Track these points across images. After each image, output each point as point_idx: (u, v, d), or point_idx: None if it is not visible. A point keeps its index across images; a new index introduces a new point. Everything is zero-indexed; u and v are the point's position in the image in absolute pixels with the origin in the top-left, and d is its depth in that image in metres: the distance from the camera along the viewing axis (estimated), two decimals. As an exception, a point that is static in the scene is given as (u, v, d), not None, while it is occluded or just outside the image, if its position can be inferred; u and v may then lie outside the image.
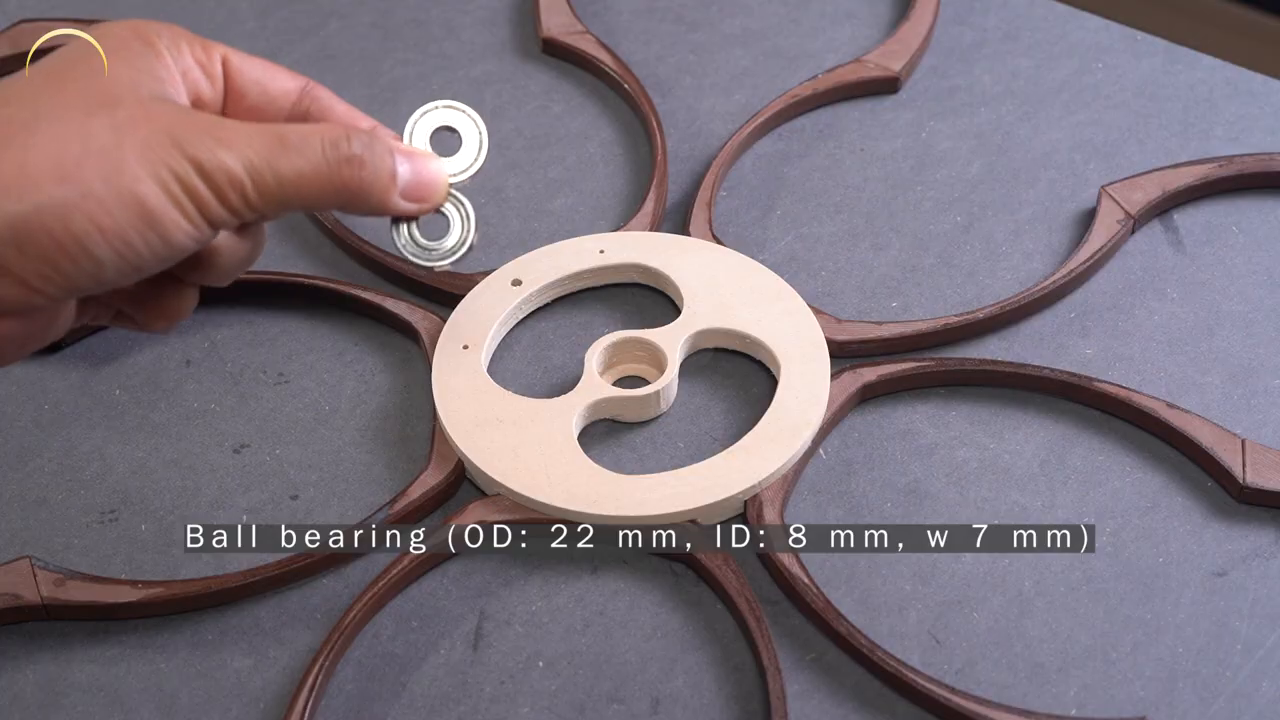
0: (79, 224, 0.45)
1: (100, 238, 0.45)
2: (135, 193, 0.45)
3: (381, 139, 0.52)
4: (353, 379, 0.64)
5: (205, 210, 0.47)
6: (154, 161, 0.46)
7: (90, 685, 0.54)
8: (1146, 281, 0.66)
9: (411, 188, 0.53)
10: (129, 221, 0.46)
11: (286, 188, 0.48)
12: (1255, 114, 0.72)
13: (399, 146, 0.53)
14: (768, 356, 0.62)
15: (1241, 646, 0.54)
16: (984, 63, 0.75)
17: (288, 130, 0.49)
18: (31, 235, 0.45)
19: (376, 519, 0.57)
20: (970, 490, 0.59)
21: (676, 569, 0.57)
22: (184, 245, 0.47)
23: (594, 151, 0.72)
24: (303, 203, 0.49)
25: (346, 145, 0.50)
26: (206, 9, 0.80)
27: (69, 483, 0.60)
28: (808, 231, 0.68)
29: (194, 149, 0.46)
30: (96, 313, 0.53)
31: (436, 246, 0.56)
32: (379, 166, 0.51)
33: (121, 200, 0.45)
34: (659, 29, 0.78)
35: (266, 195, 0.48)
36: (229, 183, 0.47)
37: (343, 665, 0.55)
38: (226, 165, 0.47)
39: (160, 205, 0.46)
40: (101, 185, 0.45)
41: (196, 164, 0.46)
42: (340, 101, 0.54)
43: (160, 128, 0.46)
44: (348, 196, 0.50)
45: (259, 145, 0.48)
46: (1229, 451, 0.58)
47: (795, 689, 0.53)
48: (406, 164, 0.53)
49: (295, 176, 0.48)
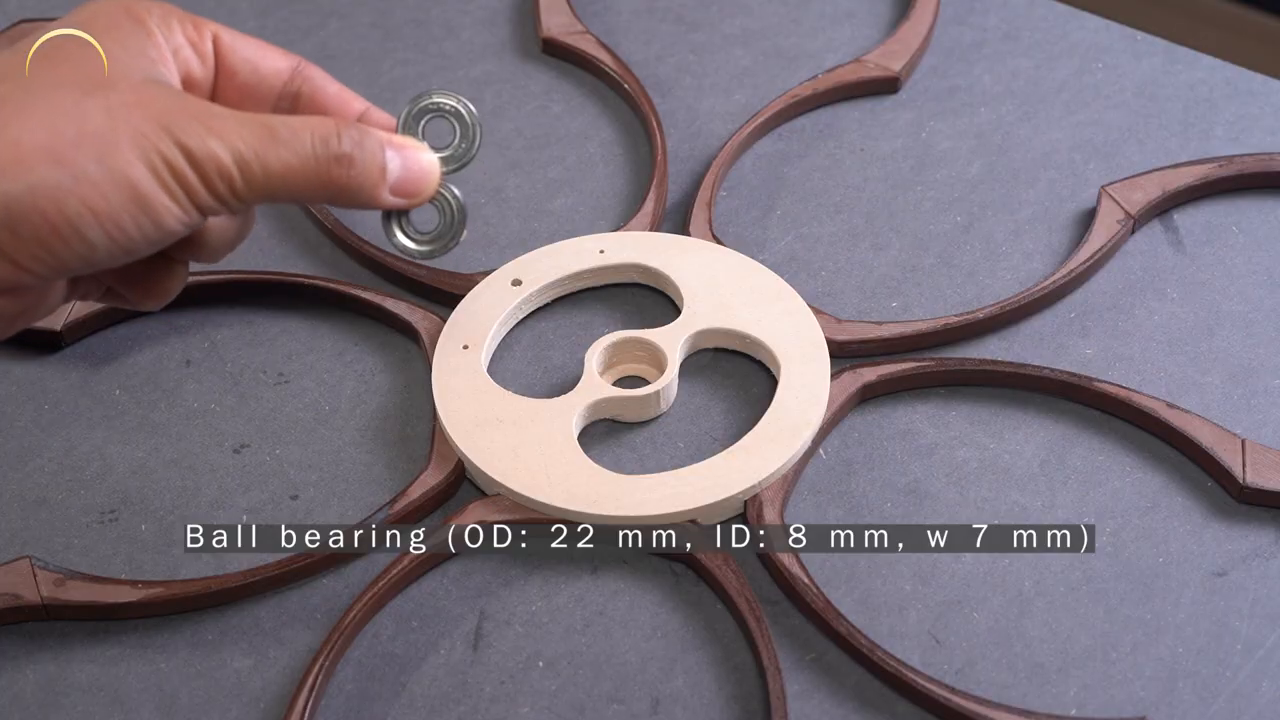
0: (72, 206, 0.45)
1: (93, 220, 0.45)
2: (127, 176, 0.46)
3: (373, 134, 0.51)
4: (353, 379, 0.64)
5: (194, 196, 0.47)
6: (145, 146, 0.46)
7: (90, 685, 0.54)
8: (1146, 281, 0.66)
9: (401, 183, 0.53)
10: (121, 205, 0.46)
11: (274, 180, 0.48)
12: (1255, 114, 0.72)
13: (390, 138, 0.52)
14: (768, 356, 0.62)
15: (1241, 646, 0.54)
16: (984, 63, 0.75)
17: (279, 123, 0.49)
18: (24, 216, 0.45)
19: (376, 519, 0.57)
20: (970, 490, 0.59)
21: (676, 569, 0.57)
22: (174, 229, 0.48)
23: (594, 151, 0.72)
24: (290, 196, 0.49)
25: (337, 143, 0.50)
26: (206, 8, 0.80)
27: (69, 483, 0.60)
28: (808, 231, 0.68)
29: (185, 136, 0.46)
30: (86, 290, 0.53)
31: (427, 237, 0.56)
32: (369, 163, 0.51)
33: (115, 183, 0.45)
34: (659, 29, 0.78)
35: (254, 186, 0.48)
36: (217, 172, 0.47)
37: (343, 665, 0.55)
38: (216, 155, 0.47)
39: (151, 190, 0.46)
40: (95, 168, 0.45)
41: (186, 151, 0.46)
42: (333, 81, 0.53)
43: (153, 113, 0.46)
44: (335, 192, 0.50)
45: (249, 137, 0.48)
46: (1229, 451, 0.58)
47: (795, 689, 0.53)
48: (397, 158, 0.52)
49: (283, 170, 0.48)
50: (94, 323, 0.65)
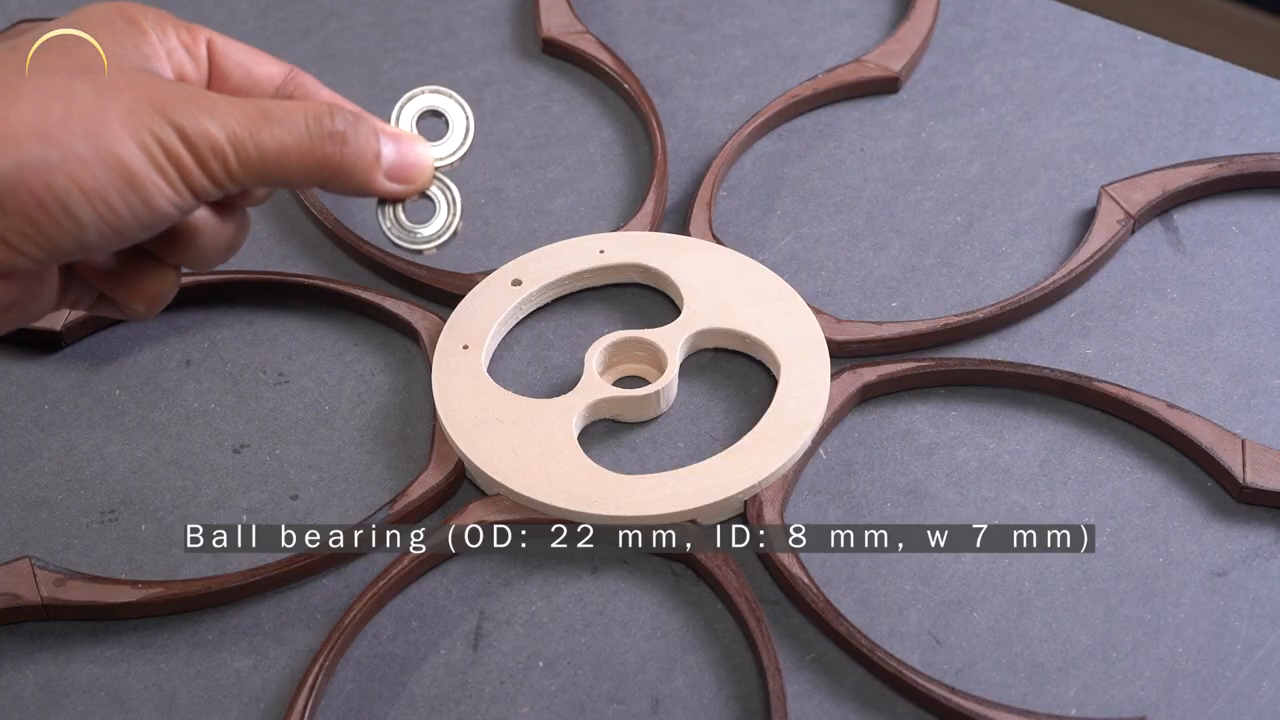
0: (60, 183, 0.45)
1: (81, 197, 0.45)
2: (117, 154, 0.45)
3: (367, 118, 0.51)
4: (353, 379, 0.64)
5: (187, 177, 0.47)
6: (136, 125, 0.46)
7: (90, 685, 0.54)
8: (1146, 281, 0.66)
9: (396, 169, 0.53)
10: (110, 182, 0.46)
11: (268, 159, 0.48)
12: (1255, 114, 0.72)
13: (384, 128, 0.52)
14: (768, 356, 0.62)
15: (1241, 646, 0.54)
16: (984, 63, 0.75)
17: (271, 104, 0.49)
18: (12, 193, 0.45)
19: (376, 519, 0.57)
20: (970, 490, 0.59)
21: (676, 569, 0.57)
22: (166, 211, 0.47)
23: (594, 151, 0.72)
24: (285, 176, 0.49)
25: (330, 121, 0.50)
26: (206, 9, 0.80)
27: (69, 483, 0.60)
28: (808, 231, 0.68)
29: (177, 115, 0.46)
30: (79, 295, 0.53)
31: (421, 230, 0.56)
32: (362, 145, 0.51)
33: (103, 160, 0.45)
34: (659, 29, 0.78)
35: (248, 166, 0.48)
36: (211, 150, 0.47)
37: (343, 665, 0.55)
38: (209, 132, 0.47)
39: (142, 168, 0.46)
40: (83, 145, 0.45)
41: (179, 130, 0.46)
42: (324, 88, 0.53)
43: (144, 94, 0.46)
44: (330, 173, 0.50)
45: (242, 116, 0.48)
46: (1229, 451, 0.58)
47: (795, 689, 0.53)
48: (391, 145, 0.52)
49: (277, 148, 0.48)
50: (94, 323, 0.65)
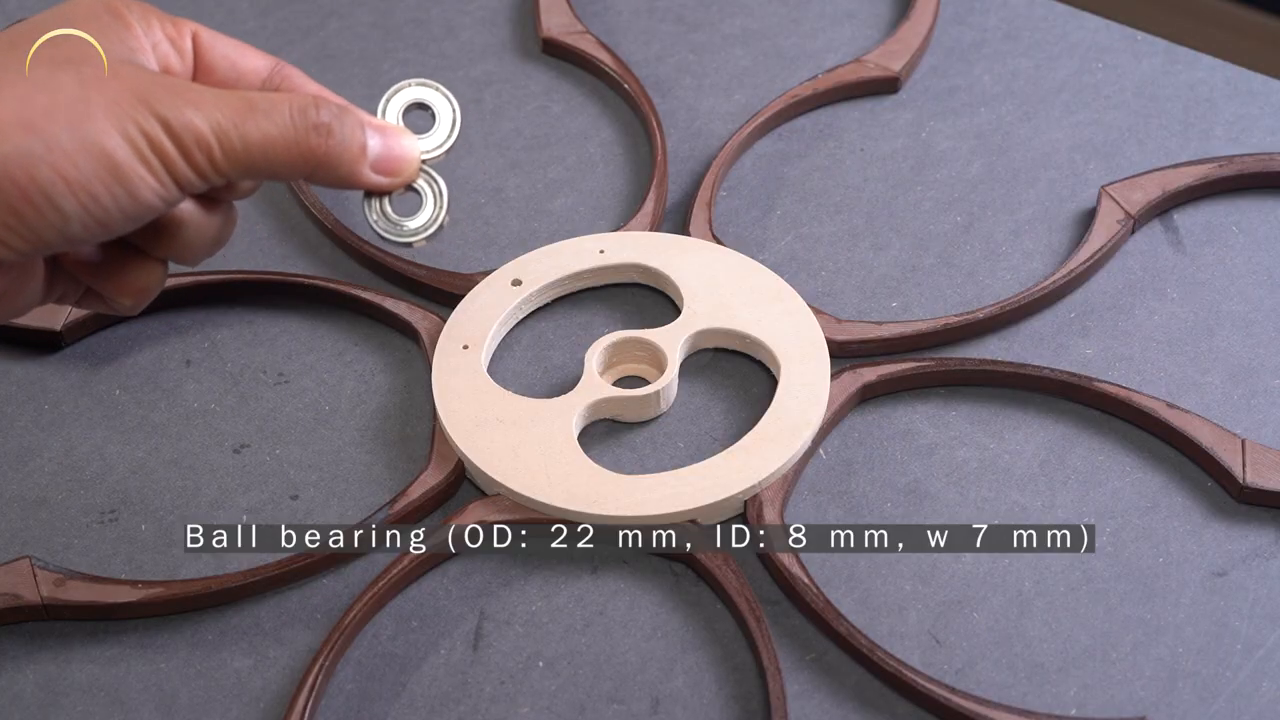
0: (44, 174, 0.45)
1: (65, 189, 0.45)
2: (101, 145, 0.45)
3: (352, 110, 0.51)
4: (353, 379, 0.64)
5: (172, 169, 0.47)
6: (121, 117, 0.46)
7: (90, 685, 0.54)
8: (1146, 281, 0.66)
9: (382, 161, 0.52)
10: (95, 174, 0.46)
11: (253, 151, 0.48)
12: (1255, 114, 0.72)
13: (370, 120, 0.52)
14: (768, 356, 0.62)
15: (1241, 646, 0.54)
16: (984, 63, 0.75)
17: (256, 95, 0.49)
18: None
19: (376, 519, 0.57)
20: (970, 490, 0.59)
21: (676, 569, 0.57)
22: (150, 203, 0.47)
23: (594, 151, 0.72)
24: (269, 168, 0.49)
25: (315, 113, 0.50)
26: (206, 9, 0.80)
27: (69, 483, 0.60)
28: (808, 231, 0.68)
29: (162, 107, 0.46)
30: (65, 290, 0.53)
31: (408, 223, 0.55)
32: (348, 137, 0.51)
33: (87, 152, 0.45)
34: (659, 29, 0.78)
35: (233, 158, 0.48)
36: (196, 143, 0.47)
37: (343, 665, 0.55)
38: (194, 124, 0.47)
39: (126, 160, 0.46)
40: (67, 137, 0.45)
41: (164, 122, 0.46)
42: (310, 81, 0.53)
43: (128, 86, 0.46)
44: (315, 164, 0.50)
45: (226, 108, 0.48)
46: (1229, 451, 0.58)
47: (795, 689, 0.53)
48: (377, 138, 0.52)
49: (262, 140, 0.48)
50: (94, 323, 0.65)
